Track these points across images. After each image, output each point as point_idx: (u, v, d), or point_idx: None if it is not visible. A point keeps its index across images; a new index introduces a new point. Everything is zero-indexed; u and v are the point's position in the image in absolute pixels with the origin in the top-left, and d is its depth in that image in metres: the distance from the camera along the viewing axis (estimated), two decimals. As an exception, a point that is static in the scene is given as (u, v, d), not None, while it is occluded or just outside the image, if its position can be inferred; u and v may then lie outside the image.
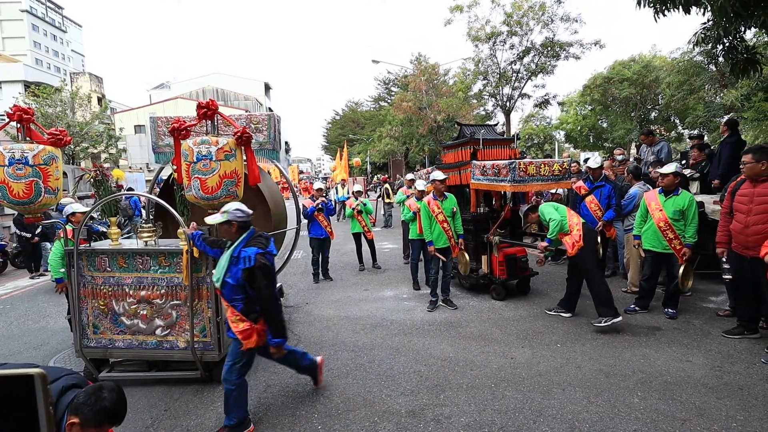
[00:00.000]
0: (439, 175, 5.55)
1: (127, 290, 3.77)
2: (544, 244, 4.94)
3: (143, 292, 3.74)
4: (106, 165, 24.35)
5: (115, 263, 3.77)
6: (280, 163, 5.08)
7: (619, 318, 4.47)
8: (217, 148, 3.32)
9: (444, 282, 5.69)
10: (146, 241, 3.83)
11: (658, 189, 4.90)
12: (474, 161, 5.76)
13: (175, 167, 3.92)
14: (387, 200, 14.17)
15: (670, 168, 4.80)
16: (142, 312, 3.76)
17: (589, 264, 4.74)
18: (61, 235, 3.97)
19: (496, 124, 8.48)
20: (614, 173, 6.68)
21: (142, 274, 3.74)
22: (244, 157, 3.71)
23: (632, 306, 5.07)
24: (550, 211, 4.89)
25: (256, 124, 4.70)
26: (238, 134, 3.42)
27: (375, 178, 15.90)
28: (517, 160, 5.27)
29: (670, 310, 4.85)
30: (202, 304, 3.70)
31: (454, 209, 5.53)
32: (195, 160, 3.34)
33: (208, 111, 3.52)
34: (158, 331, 3.77)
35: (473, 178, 5.76)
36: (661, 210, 4.76)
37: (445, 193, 5.57)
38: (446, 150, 6.88)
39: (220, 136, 3.49)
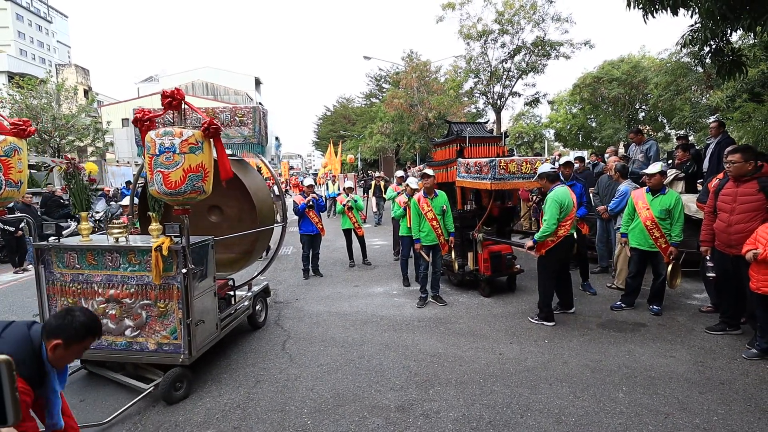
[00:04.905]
0: (428, 172, 5.54)
1: (96, 288, 3.60)
2: (530, 243, 4.77)
3: (112, 291, 3.57)
4: (93, 158, 23.95)
5: (84, 260, 3.60)
6: (266, 158, 4.91)
7: (552, 323, 4.73)
8: (181, 140, 3.13)
9: (434, 279, 5.71)
10: (117, 238, 3.64)
11: (646, 188, 4.96)
12: (459, 159, 5.76)
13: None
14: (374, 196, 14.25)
15: (656, 168, 4.87)
16: (111, 312, 3.59)
17: (546, 272, 4.76)
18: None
19: (486, 122, 8.49)
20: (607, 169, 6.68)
21: (111, 272, 3.57)
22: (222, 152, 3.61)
23: (618, 303, 5.15)
24: (553, 211, 4.51)
25: (241, 117, 4.51)
26: (205, 126, 3.23)
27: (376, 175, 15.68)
28: (497, 158, 5.26)
29: (655, 307, 4.93)
30: (172, 304, 3.51)
31: (444, 207, 5.51)
32: (157, 153, 3.15)
33: (173, 101, 3.30)
34: (128, 332, 3.61)
35: (458, 175, 5.77)
36: (648, 209, 4.82)
37: (436, 191, 5.57)
38: (436, 147, 6.90)
39: (187, 128, 3.30)
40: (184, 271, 3.42)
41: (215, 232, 4.61)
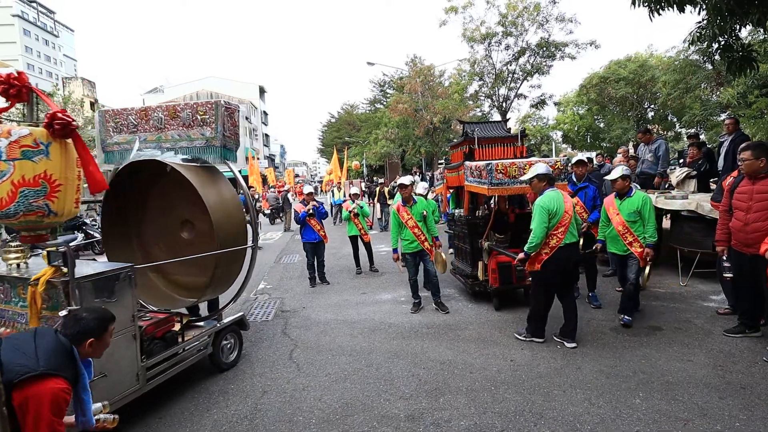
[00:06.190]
0: (406, 180, 5.65)
1: None
2: (521, 255, 4.33)
3: (1, 329, 2.92)
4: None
5: None
6: (235, 164, 4.17)
7: (542, 339, 4.34)
8: (9, 142, 2.39)
9: (432, 285, 5.62)
10: (12, 264, 2.99)
11: (614, 193, 4.80)
12: (466, 162, 5.53)
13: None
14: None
15: (616, 173, 4.72)
16: None
17: (541, 286, 4.33)
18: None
19: (507, 120, 8.25)
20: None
21: (3, 306, 2.93)
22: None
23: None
24: (541, 219, 4.11)
25: (202, 114, 3.82)
26: (48, 121, 2.46)
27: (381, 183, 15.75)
28: (494, 161, 5.04)
29: (626, 318, 4.59)
30: None
31: (425, 213, 5.53)
32: None
33: (10, 88, 2.52)
34: None
35: (466, 179, 5.55)
36: (618, 214, 4.70)
37: (415, 197, 5.63)
38: (452, 149, 6.80)
39: (21, 125, 2.53)
40: (62, 313, 2.60)
41: (188, 250, 4.11)
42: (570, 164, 5.76)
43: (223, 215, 3.94)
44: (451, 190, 6.82)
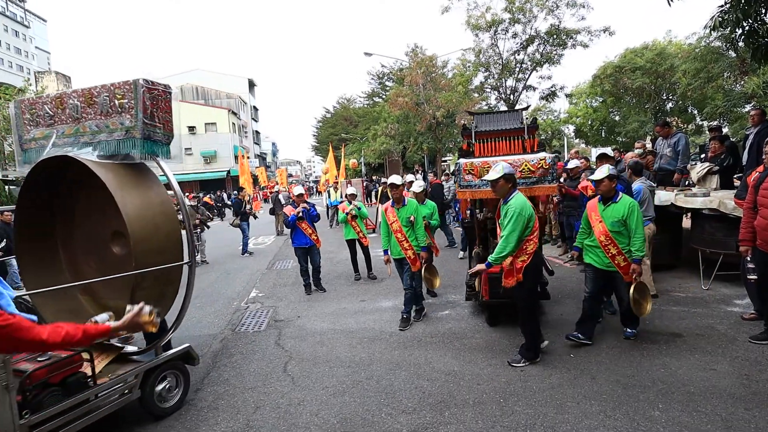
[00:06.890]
0: (396, 179, 5.60)
1: None
2: (481, 266, 4.15)
3: None
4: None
5: None
6: (167, 159, 3.66)
7: (537, 359, 4.14)
8: None
9: (405, 297, 5.49)
10: None
11: (598, 197, 4.51)
12: (461, 159, 5.27)
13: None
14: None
15: (602, 172, 4.38)
16: None
17: (529, 300, 4.19)
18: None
19: (525, 108, 7.93)
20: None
21: None
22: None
23: (574, 333, 4.45)
24: (518, 227, 3.89)
25: (120, 98, 3.28)
26: None
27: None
28: (462, 161, 4.89)
29: (629, 330, 4.51)
30: None
31: (412, 218, 5.41)
32: None
33: None
34: None
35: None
36: (600, 221, 4.37)
37: (406, 199, 5.57)
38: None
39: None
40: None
41: (120, 267, 3.59)
42: (556, 161, 5.35)
43: (147, 224, 3.44)
44: None
